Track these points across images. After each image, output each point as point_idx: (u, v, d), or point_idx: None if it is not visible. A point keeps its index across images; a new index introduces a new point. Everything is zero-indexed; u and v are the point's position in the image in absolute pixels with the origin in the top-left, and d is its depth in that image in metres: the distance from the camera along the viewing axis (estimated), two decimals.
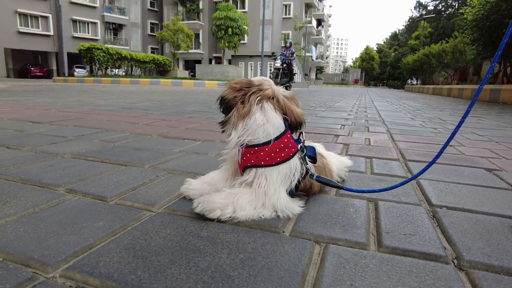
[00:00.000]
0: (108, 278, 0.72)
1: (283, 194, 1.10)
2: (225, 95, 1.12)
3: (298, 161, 1.15)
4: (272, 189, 1.07)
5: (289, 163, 1.11)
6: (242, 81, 1.15)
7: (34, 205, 1.12)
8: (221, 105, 1.13)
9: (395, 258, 0.85)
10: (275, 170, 1.09)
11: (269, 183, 1.08)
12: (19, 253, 0.81)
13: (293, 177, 1.13)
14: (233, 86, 1.13)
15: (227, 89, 1.13)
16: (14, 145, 2.03)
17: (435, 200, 1.29)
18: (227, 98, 1.12)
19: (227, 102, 1.12)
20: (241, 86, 1.13)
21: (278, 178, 1.10)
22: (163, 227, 0.97)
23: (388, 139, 2.76)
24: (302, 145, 1.19)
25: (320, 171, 1.28)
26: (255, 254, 0.84)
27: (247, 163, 1.11)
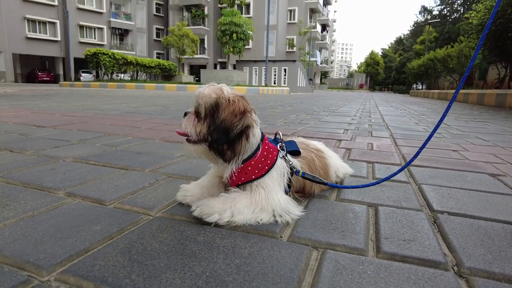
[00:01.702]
0: (102, 282, 0.72)
1: (283, 196, 1.11)
2: (233, 121, 1.01)
3: (282, 161, 1.16)
4: (272, 195, 1.07)
5: (276, 166, 1.13)
6: (224, 98, 1.03)
7: (33, 208, 1.12)
8: (220, 132, 1.01)
9: (393, 265, 0.84)
10: (267, 177, 1.10)
11: (268, 190, 1.08)
12: (15, 256, 0.81)
13: (284, 177, 1.15)
14: (235, 108, 1.02)
15: (228, 115, 1.01)
16: (17, 149, 2.04)
17: (437, 206, 1.27)
18: (233, 124, 1.01)
19: (229, 129, 1.01)
20: (239, 108, 1.03)
21: (273, 183, 1.10)
22: (160, 231, 0.97)
23: (391, 144, 2.75)
24: (281, 144, 1.20)
25: (309, 164, 1.28)
26: (251, 259, 0.83)
27: (238, 181, 1.11)
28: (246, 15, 34.54)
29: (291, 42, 41.24)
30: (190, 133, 1.05)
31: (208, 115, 1.03)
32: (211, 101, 1.02)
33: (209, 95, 1.03)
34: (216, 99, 1.02)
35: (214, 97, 1.02)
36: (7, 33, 28.91)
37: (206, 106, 1.02)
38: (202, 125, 1.04)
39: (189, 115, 1.08)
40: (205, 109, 1.03)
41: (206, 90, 1.05)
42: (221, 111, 1.00)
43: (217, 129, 1.00)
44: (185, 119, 1.08)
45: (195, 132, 1.05)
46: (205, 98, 1.03)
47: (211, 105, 1.02)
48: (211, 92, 1.04)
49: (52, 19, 32.18)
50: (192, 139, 1.06)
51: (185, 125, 1.07)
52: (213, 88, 1.05)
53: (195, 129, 1.05)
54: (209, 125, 1.02)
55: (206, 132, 1.03)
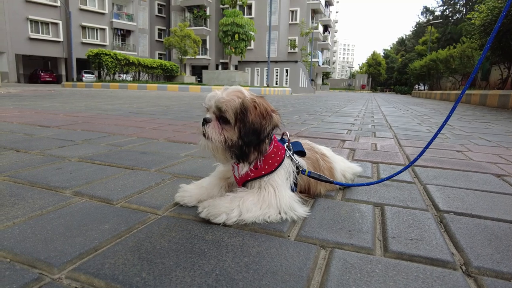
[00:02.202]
0: (113, 280, 0.72)
1: (289, 193, 1.12)
2: (263, 123, 1.01)
3: (288, 160, 1.17)
4: (281, 192, 1.08)
5: (284, 164, 1.13)
6: (251, 101, 1.03)
7: (41, 207, 1.13)
8: (251, 135, 1.01)
9: (402, 264, 0.84)
10: (276, 174, 1.11)
11: (277, 187, 1.09)
12: (26, 254, 0.82)
13: (290, 175, 1.16)
14: (262, 110, 1.02)
15: (257, 117, 1.00)
16: (23, 149, 2.05)
17: (443, 206, 1.27)
18: (264, 126, 1.01)
19: (261, 131, 1.01)
20: (261, 108, 1.02)
21: (281, 180, 1.11)
22: (168, 230, 0.98)
23: (395, 144, 2.75)
24: (288, 144, 1.21)
25: (313, 164, 1.29)
26: (259, 258, 0.84)
27: (247, 177, 1.12)
28: (248, 16, 34.58)
29: (293, 42, 41.25)
30: (218, 141, 1.02)
31: (237, 120, 1.00)
32: (236, 105, 1.00)
33: (233, 100, 1.01)
34: (242, 103, 1.00)
35: (239, 101, 1.01)
36: (10, 34, 29.03)
37: (233, 110, 0.99)
38: (231, 131, 1.02)
39: (212, 122, 1.04)
40: (234, 114, 1.00)
41: (226, 94, 1.03)
42: (250, 114, 0.99)
43: (248, 132, 0.99)
44: (209, 128, 1.03)
45: (221, 141, 1.02)
46: (229, 103, 1.00)
47: (237, 109, 1.00)
48: (233, 96, 1.02)
49: (55, 20, 32.30)
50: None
51: (211, 133, 1.03)
52: (234, 92, 1.04)
53: (224, 136, 1.02)
54: (240, 130, 1.00)
55: (237, 137, 1.01)
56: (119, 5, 38.52)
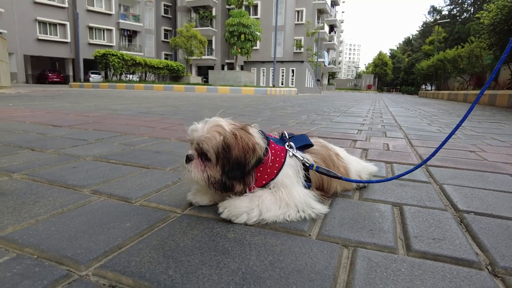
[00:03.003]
0: (140, 278, 0.73)
1: (303, 191, 1.11)
2: (247, 156, 1.01)
3: (293, 159, 1.15)
4: (292, 192, 1.08)
5: (288, 165, 1.12)
6: (231, 134, 1.02)
7: (62, 205, 1.14)
8: (235, 170, 1.01)
9: (426, 263, 0.84)
10: (283, 177, 1.10)
11: (287, 188, 1.08)
12: (52, 251, 0.83)
13: (299, 173, 1.15)
14: (244, 144, 1.01)
15: (240, 152, 1.00)
16: (38, 148, 2.07)
17: (462, 206, 1.26)
18: (248, 160, 1.01)
19: (245, 165, 1.02)
20: (241, 142, 1.01)
21: (290, 181, 1.10)
22: (190, 228, 0.98)
23: (406, 144, 2.73)
24: (288, 143, 1.19)
25: (324, 160, 1.27)
26: (283, 256, 0.84)
27: (251, 189, 1.10)
28: (254, 16, 34.59)
29: (299, 43, 41.19)
30: (201, 180, 1.03)
31: (219, 158, 1.01)
32: (218, 143, 1.00)
33: (213, 137, 1.01)
34: (224, 140, 1.00)
35: (220, 138, 1.00)
36: (18, 35, 29.38)
37: (215, 149, 1.00)
38: (214, 169, 1.02)
39: (195, 160, 1.05)
40: (216, 153, 1.00)
41: (206, 131, 1.02)
42: (233, 150, 0.99)
43: (232, 168, 1.00)
44: (191, 166, 1.05)
45: (205, 179, 1.03)
46: (210, 141, 1.00)
47: (219, 147, 1.00)
48: (214, 132, 1.01)
49: (63, 21, 32.63)
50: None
51: (194, 173, 1.03)
52: (214, 127, 1.03)
53: (206, 174, 1.03)
54: (222, 168, 1.01)
55: (220, 175, 1.02)
56: (125, 6, 38.79)
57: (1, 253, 0.82)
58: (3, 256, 0.80)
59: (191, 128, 1.07)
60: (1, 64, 10.67)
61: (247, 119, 4.25)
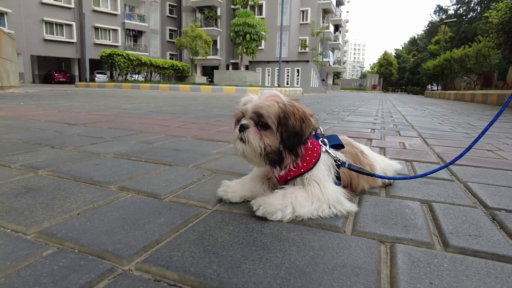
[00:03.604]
0: (185, 272, 0.73)
1: (334, 187, 1.11)
2: (303, 126, 1.02)
3: (326, 155, 1.16)
4: (326, 186, 1.08)
5: (322, 159, 1.13)
6: (290, 105, 1.04)
7: (92, 201, 1.15)
8: (294, 139, 1.02)
9: (468, 259, 0.83)
10: (317, 169, 1.10)
11: (320, 182, 1.08)
12: (92, 245, 0.83)
13: (331, 169, 1.15)
14: (301, 114, 1.03)
15: (298, 121, 1.02)
16: (57, 145, 2.09)
17: (491, 203, 1.25)
18: (305, 129, 1.03)
19: (302, 134, 1.03)
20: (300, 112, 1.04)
21: (323, 175, 1.11)
22: (224, 224, 0.98)
23: (422, 143, 2.71)
24: (322, 139, 1.20)
25: (353, 159, 1.27)
26: (323, 252, 0.84)
27: (288, 177, 1.12)
28: (259, 16, 34.57)
29: (304, 42, 41.14)
30: (259, 147, 1.01)
31: (279, 125, 1.00)
32: (277, 110, 1.00)
33: (272, 105, 1.00)
34: (283, 108, 1.01)
35: (279, 106, 1.01)
36: (25, 35, 29.60)
37: (276, 116, 1.00)
38: (273, 137, 1.02)
39: (252, 128, 1.02)
40: (277, 119, 1.00)
41: (264, 99, 1.03)
42: (291, 119, 1.00)
43: (290, 136, 1.00)
44: (249, 134, 1.01)
45: (262, 147, 1.01)
46: (269, 108, 1.00)
47: (278, 114, 1.00)
48: (272, 101, 1.02)
49: (69, 21, 32.83)
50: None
51: (252, 139, 1.01)
52: (271, 97, 1.03)
53: (264, 142, 1.01)
54: (281, 136, 1.00)
55: (278, 143, 1.02)
56: (131, 6, 38.95)
57: (43, 247, 0.83)
58: (46, 250, 0.81)
59: (244, 99, 1.07)
60: (10, 64, 10.76)
61: None
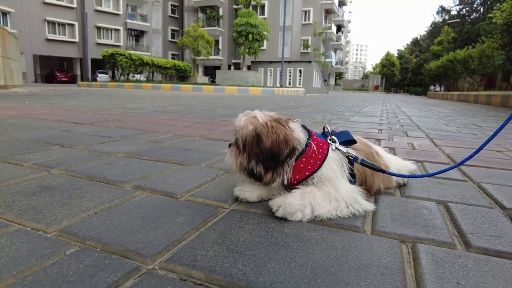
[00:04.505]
0: (211, 271, 0.72)
1: (349, 186, 1.11)
2: (280, 146, 1.03)
3: (336, 153, 1.15)
4: (338, 186, 1.07)
5: (331, 158, 1.12)
6: (265, 125, 1.06)
7: (108, 200, 1.15)
8: (269, 160, 1.04)
9: (492, 259, 0.83)
10: (327, 171, 1.09)
11: (332, 182, 1.08)
12: (114, 244, 0.83)
13: (343, 167, 1.14)
14: (276, 135, 1.03)
15: (273, 142, 1.03)
16: (67, 144, 2.09)
17: (508, 204, 1.25)
18: (281, 150, 1.03)
19: (278, 155, 1.04)
20: (276, 133, 1.04)
21: (335, 175, 1.10)
22: (244, 223, 0.98)
23: (430, 144, 2.71)
24: (330, 137, 1.18)
25: (368, 157, 1.26)
26: (347, 251, 0.83)
27: (294, 181, 1.11)
28: (261, 16, 34.56)
29: (306, 43, 41.13)
30: (233, 165, 1.13)
31: (246, 147, 1.08)
32: (249, 132, 1.07)
33: (245, 127, 1.08)
34: (255, 130, 1.06)
35: (252, 128, 1.07)
36: (28, 35, 29.67)
37: (243, 138, 1.08)
38: (242, 157, 1.10)
39: (232, 147, 1.15)
40: (243, 141, 1.08)
41: (242, 121, 1.10)
42: (265, 140, 1.03)
43: (266, 158, 1.04)
44: (228, 152, 1.16)
45: (236, 164, 1.12)
46: (241, 131, 1.08)
47: (249, 136, 1.06)
48: (247, 122, 1.09)
49: (71, 21, 32.89)
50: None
51: (227, 158, 1.15)
52: (249, 118, 1.10)
53: (236, 161, 1.12)
54: (249, 156, 1.08)
55: (246, 163, 1.09)
56: (133, 6, 38.99)
57: (65, 245, 0.83)
58: (68, 248, 0.81)
59: (236, 119, 1.14)
60: (14, 63, 10.78)
61: None
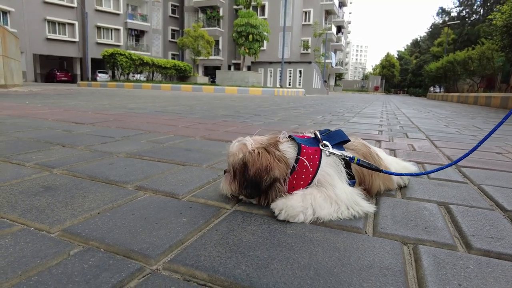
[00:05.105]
0: (215, 272, 0.73)
1: (347, 188, 1.11)
2: (262, 175, 1.05)
3: (330, 158, 1.14)
4: (336, 190, 1.08)
5: (327, 164, 1.12)
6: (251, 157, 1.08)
7: (111, 200, 1.15)
8: (251, 187, 1.08)
9: (493, 261, 0.83)
10: (324, 176, 1.10)
11: (330, 184, 1.08)
12: (118, 245, 0.83)
13: (340, 169, 1.14)
14: (261, 164, 1.06)
15: (256, 171, 1.05)
16: (68, 144, 2.09)
17: (509, 206, 1.25)
18: (262, 179, 1.06)
19: (259, 183, 1.06)
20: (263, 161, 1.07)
21: (332, 179, 1.10)
22: (247, 224, 0.98)
23: (430, 145, 2.71)
24: (321, 143, 1.17)
25: (365, 157, 1.25)
26: (349, 253, 0.84)
27: (291, 192, 1.12)
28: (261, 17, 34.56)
29: (306, 43, 41.15)
30: (227, 192, 1.16)
31: (237, 174, 1.11)
32: (238, 160, 1.10)
33: (235, 154, 1.11)
34: (243, 158, 1.09)
35: (241, 156, 1.10)
36: (28, 34, 29.66)
37: (234, 166, 1.11)
38: (234, 183, 1.13)
39: (226, 174, 1.18)
40: (233, 168, 1.12)
41: (234, 148, 1.14)
42: (250, 169, 1.06)
43: (248, 186, 1.07)
44: (223, 178, 1.19)
45: (230, 191, 1.15)
46: (232, 157, 1.12)
47: (238, 164, 1.10)
48: (238, 150, 1.12)
49: (71, 21, 32.89)
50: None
51: (222, 185, 1.18)
52: (239, 145, 1.13)
53: (230, 187, 1.15)
54: (240, 183, 1.11)
55: (239, 189, 1.12)
56: (133, 6, 39.00)
57: (69, 245, 0.83)
58: (72, 249, 0.81)
59: (230, 144, 1.19)
60: (14, 63, 10.78)
61: (263, 119, 4.26)
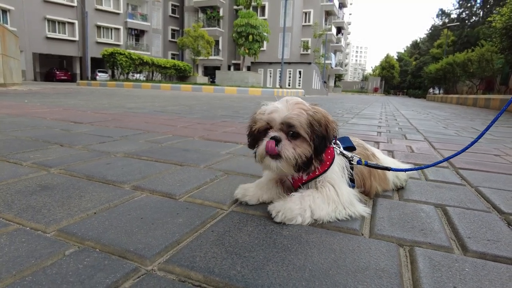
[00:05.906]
0: (210, 273, 0.73)
1: (347, 189, 1.12)
2: (335, 128, 1.07)
3: (339, 157, 1.16)
4: (341, 189, 1.08)
5: (336, 161, 1.13)
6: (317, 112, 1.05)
7: (107, 200, 1.15)
8: (323, 143, 1.03)
9: (489, 264, 0.83)
10: (331, 171, 1.11)
11: (335, 184, 1.09)
12: (113, 245, 0.83)
13: (345, 170, 1.15)
14: (326, 119, 1.05)
15: (323, 126, 1.03)
16: (66, 143, 2.09)
17: (505, 208, 1.25)
18: (333, 132, 1.06)
19: (329, 137, 1.05)
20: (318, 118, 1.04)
21: (338, 177, 1.11)
22: (243, 225, 0.98)
23: (429, 147, 2.72)
24: (335, 140, 1.18)
25: (363, 157, 1.27)
26: (345, 254, 0.84)
27: (302, 180, 1.12)
28: (261, 17, 34.57)
29: (306, 44, 41.17)
30: (294, 159, 1.00)
31: (312, 134, 1.00)
32: (306, 119, 1.00)
33: (302, 114, 1.00)
34: (312, 116, 1.01)
35: (308, 114, 1.01)
36: (28, 33, 29.61)
37: (307, 125, 1.00)
38: (303, 146, 1.01)
39: (284, 141, 1.00)
40: (308, 128, 1.00)
41: (291, 109, 1.02)
42: (322, 124, 1.02)
43: (320, 142, 1.01)
44: (283, 147, 0.99)
45: (299, 156, 1.00)
46: (299, 118, 1.00)
47: (309, 123, 1.00)
48: (300, 109, 1.02)
49: (71, 20, 32.84)
50: (280, 155, 1.00)
51: (288, 153, 0.99)
52: (298, 105, 1.03)
53: (297, 153, 1.00)
54: (314, 144, 1.01)
55: (310, 151, 1.01)
56: (133, 5, 38.95)
57: (64, 245, 0.83)
58: (68, 249, 0.81)
59: (269, 109, 1.04)
60: (14, 62, 10.77)
61: None
